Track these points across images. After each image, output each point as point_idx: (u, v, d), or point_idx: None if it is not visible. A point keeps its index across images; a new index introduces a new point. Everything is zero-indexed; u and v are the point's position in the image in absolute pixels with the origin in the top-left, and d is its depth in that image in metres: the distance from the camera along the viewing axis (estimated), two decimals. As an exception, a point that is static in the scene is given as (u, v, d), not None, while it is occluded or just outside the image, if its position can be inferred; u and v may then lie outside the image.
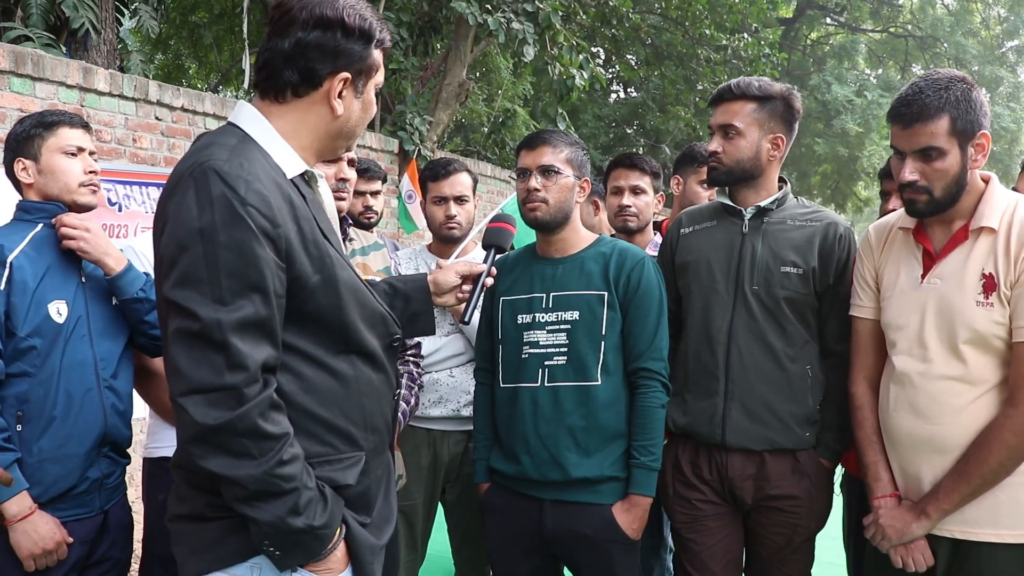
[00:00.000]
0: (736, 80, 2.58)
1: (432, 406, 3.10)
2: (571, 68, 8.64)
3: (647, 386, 2.45)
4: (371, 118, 1.77)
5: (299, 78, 1.63)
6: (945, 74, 2.09)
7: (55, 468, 2.28)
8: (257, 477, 1.47)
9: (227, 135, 1.62)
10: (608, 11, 10.98)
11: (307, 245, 1.58)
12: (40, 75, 5.03)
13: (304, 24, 1.61)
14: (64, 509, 2.31)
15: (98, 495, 2.40)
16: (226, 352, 1.45)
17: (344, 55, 1.64)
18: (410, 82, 9.44)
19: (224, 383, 1.45)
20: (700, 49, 12.25)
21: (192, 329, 1.46)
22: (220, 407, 1.44)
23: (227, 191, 1.47)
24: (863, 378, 2.37)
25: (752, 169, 2.53)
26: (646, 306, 2.46)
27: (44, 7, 6.18)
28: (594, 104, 16.49)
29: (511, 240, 2.43)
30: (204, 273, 1.46)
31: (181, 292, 1.47)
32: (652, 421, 2.44)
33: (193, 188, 1.49)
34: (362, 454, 1.68)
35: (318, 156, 1.74)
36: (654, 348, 2.46)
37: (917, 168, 2.09)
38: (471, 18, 7.95)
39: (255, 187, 1.50)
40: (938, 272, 2.15)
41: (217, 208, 1.47)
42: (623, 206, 3.37)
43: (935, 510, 2.10)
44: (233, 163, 1.51)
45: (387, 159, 8.43)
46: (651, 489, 2.44)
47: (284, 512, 1.50)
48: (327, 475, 1.61)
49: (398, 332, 1.82)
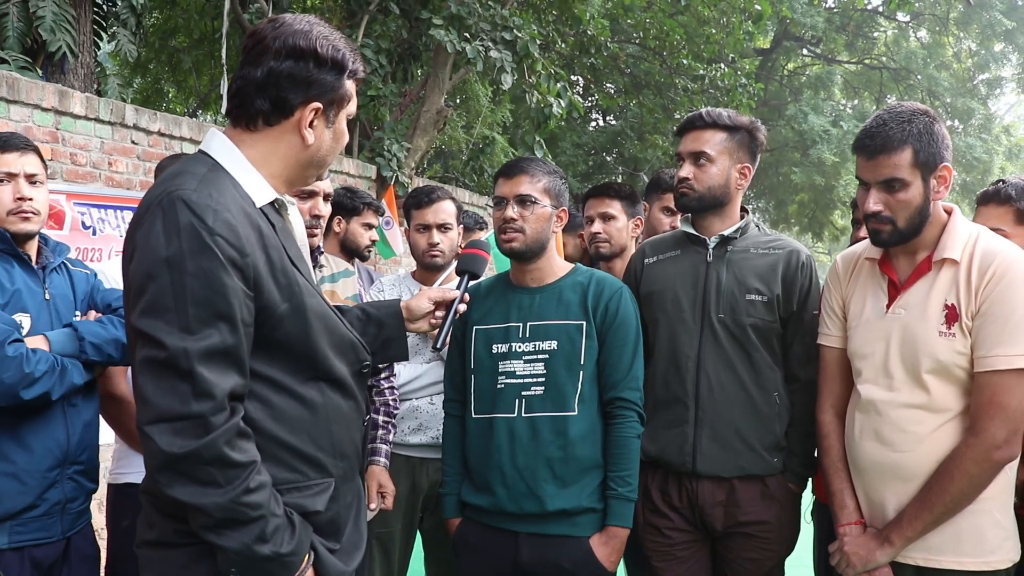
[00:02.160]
0: (706, 109, 2.63)
1: (411, 433, 3.10)
2: (548, 96, 8.70)
3: (623, 416, 2.43)
4: (342, 147, 1.78)
5: (271, 107, 1.64)
6: (908, 107, 2.13)
7: (9, 484, 2.23)
8: (223, 505, 1.47)
9: (197, 163, 1.63)
10: (586, 40, 11.09)
11: (275, 273, 1.59)
12: (14, 98, 5.01)
13: (277, 53, 1.62)
14: (23, 533, 2.25)
15: (60, 519, 2.33)
16: (192, 381, 1.45)
17: (316, 85, 1.65)
18: (388, 108, 9.47)
19: (190, 411, 1.45)
20: (678, 79, 12.39)
21: (158, 358, 1.46)
22: (186, 436, 1.45)
23: (195, 220, 1.48)
24: (830, 406, 2.39)
25: (722, 196, 2.57)
26: (623, 336, 2.45)
27: (21, 30, 6.18)
28: (573, 132, 16.61)
29: (485, 267, 2.43)
30: (171, 302, 1.46)
31: (148, 321, 1.47)
32: (628, 451, 2.43)
33: (161, 217, 1.49)
34: (331, 480, 1.68)
35: (289, 184, 1.75)
36: (631, 378, 2.45)
37: (881, 199, 2.12)
38: (449, 46, 8.01)
39: (223, 216, 1.50)
40: (902, 302, 2.18)
41: (184, 237, 1.47)
42: (594, 233, 3.40)
43: (899, 538, 2.11)
44: (202, 192, 1.51)
45: (365, 185, 8.44)
46: (628, 520, 2.42)
47: (251, 540, 1.50)
48: (296, 501, 1.61)
49: (367, 359, 1.82)
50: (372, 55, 8.70)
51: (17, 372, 2.13)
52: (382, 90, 8.89)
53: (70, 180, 5.23)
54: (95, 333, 2.36)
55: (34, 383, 2.17)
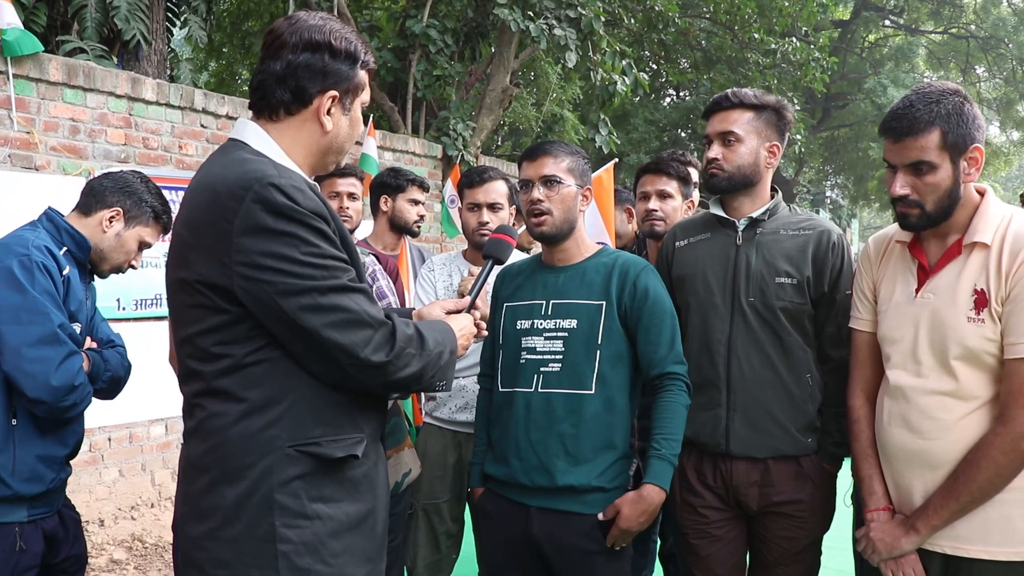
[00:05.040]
0: (732, 89, 2.62)
1: (459, 411, 3.19)
2: (613, 74, 8.63)
3: (672, 385, 2.42)
4: (358, 135, 1.87)
5: (291, 97, 1.75)
6: (938, 87, 2.08)
7: (44, 468, 2.41)
8: (427, 362, 1.80)
9: (240, 150, 1.74)
10: (654, 16, 10.94)
11: (346, 243, 1.74)
12: (91, 86, 5.24)
13: (294, 47, 1.74)
14: (35, 508, 2.43)
15: (58, 496, 2.53)
16: (355, 313, 1.69)
17: (332, 75, 1.76)
18: (455, 88, 9.53)
19: (374, 326, 1.73)
20: (749, 53, 12.12)
21: (336, 319, 1.66)
22: (383, 345, 1.71)
23: (290, 203, 1.62)
24: (860, 391, 2.36)
25: (751, 175, 2.57)
26: (658, 313, 2.45)
27: (98, 20, 6.41)
28: (645, 108, 16.43)
29: (510, 252, 2.46)
30: (305, 275, 1.66)
31: (294, 300, 1.65)
32: (676, 416, 2.40)
33: (260, 204, 1.62)
34: (363, 436, 1.79)
35: (311, 171, 1.84)
36: (674, 352, 2.45)
37: (908, 182, 2.08)
38: (513, 24, 8.01)
39: (310, 196, 1.65)
40: (931, 287, 2.14)
41: (286, 218, 1.62)
42: (649, 210, 3.37)
43: (924, 526, 2.09)
44: (283, 177, 1.64)
45: (430, 164, 8.55)
46: (665, 482, 2.36)
47: (444, 361, 1.87)
48: (336, 450, 1.73)
49: None
50: (438, 35, 8.77)
51: (69, 387, 2.33)
52: (448, 70, 8.96)
53: (143, 163, 5.45)
54: (114, 367, 2.59)
55: (78, 401, 2.39)
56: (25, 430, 2.36)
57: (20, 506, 2.38)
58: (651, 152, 15.86)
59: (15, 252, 2.35)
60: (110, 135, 5.36)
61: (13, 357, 2.26)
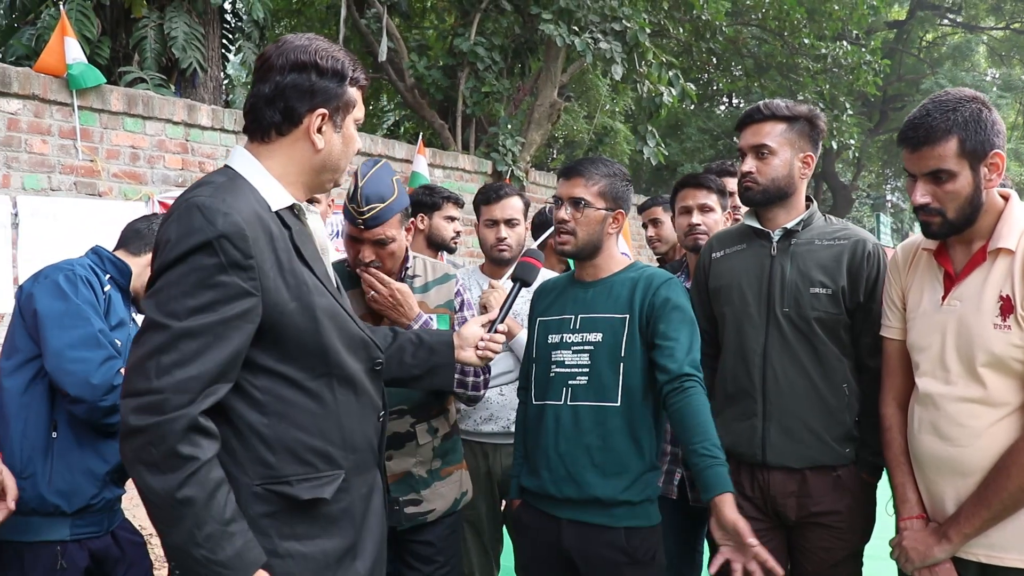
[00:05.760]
0: (764, 101, 2.64)
1: (483, 423, 3.27)
2: (659, 85, 8.65)
3: (691, 388, 2.32)
4: (354, 152, 1.90)
5: (281, 117, 1.77)
6: (955, 94, 2.08)
7: (86, 483, 2.48)
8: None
9: (218, 175, 1.78)
10: (701, 25, 10.91)
11: (284, 273, 1.70)
12: (149, 114, 5.47)
13: (281, 69, 1.77)
14: (81, 527, 2.49)
15: (107, 516, 2.58)
16: (159, 357, 1.60)
17: (320, 93, 1.78)
18: (503, 104, 9.64)
19: (150, 387, 1.59)
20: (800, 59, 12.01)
21: (143, 333, 1.62)
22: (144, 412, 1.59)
23: (205, 224, 1.61)
24: (892, 399, 2.36)
25: (786, 187, 2.58)
26: (677, 320, 2.42)
27: (157, 51, 6.68)
28: (698, 117, 16.35)
29: (536, 275, 2.54)
30: (172, 291, 1.61)
31: (148, 302, 1.64)
32: (707, 420, 2.28)
33: (176, 221, 1.64)
34: (341, 472, 1.78)
35: (308, 190, 1.88)
36: (691, 357, 2.38)
37: (928, 191, 2.09)
38: (559, 39, 8.09)
39: (232, 219, 1.63)
40: (957, 294, 2.14)
41: (193, 239, 1.61)
42: (693, 224, 3.38)
43: (956, 534, 2.08)
44: (215, 198, 1.65)
45: (481, 180, 8.65)
46: (730, 484, 2.21)
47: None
48: (304, 491, 1.71)
49: (380, 356, 1.94)
50: (485, 52, 8.89)
51: (108, 386, 2.40)
52: (496, 86, 9.07)
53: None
54: None
55: (118, 402, 2.46)
56: (65, 443, 2.45)
57: (62, 523, 2.45)
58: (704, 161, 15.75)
59: (61, 268, 2.51)
60: (168, 161, 5.59)
61: (55, 359, 2.38)
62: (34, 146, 4.92)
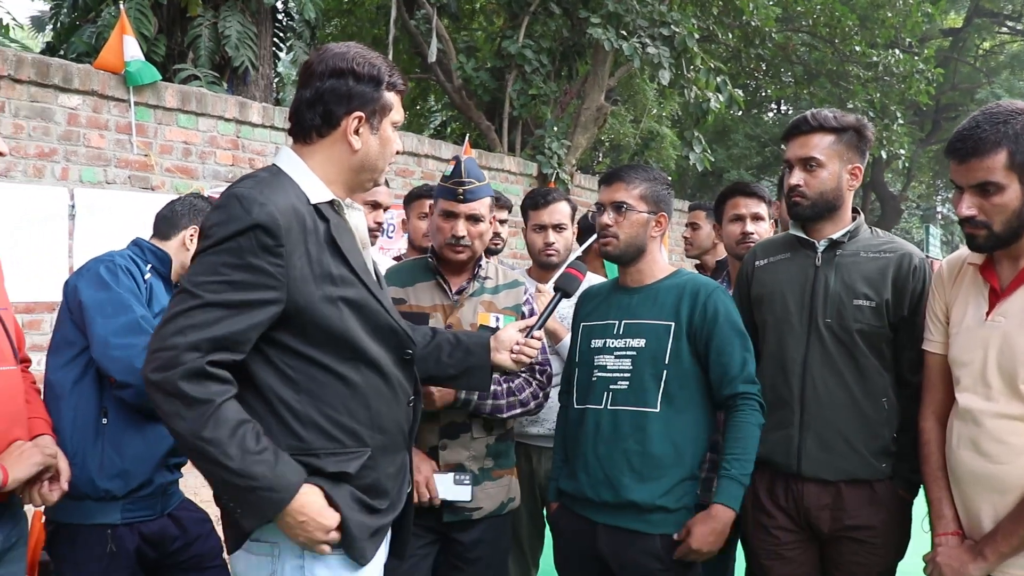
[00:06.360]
0: (811, 112, 2.61)
1: (529, 424, 3.29)
2: (707, 91, 8.61)
3: (744, 405, 2.44)
4: (392, 154, 2.00)
5: (320, 120, 1.89)
6: (1006, 106, 2.06)
7: (137, 466, 2.55)
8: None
9: (262, 171, 1.91)
10: (751, 31, 10.83)
11: (311, 263, 1.81)
12: (202, 111, 5.60)
13: (321, 75, 1.89)
14: (132, 510, 2.56)
15: (160, 499, 2.64)
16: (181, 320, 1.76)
17: (356, 97, 1.89)
18: (550, 107, 9.67)
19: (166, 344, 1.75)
20: (851, 66, 11.85)
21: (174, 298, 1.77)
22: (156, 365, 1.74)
23: (242, 212, 1.74)
24: (931, 413, 2.34)
25: (834, 200, 2.55)
26: (728, 333, 2.47)
27: (211, 49, 6.83)
28: (745, 124, 16.21)
29: (578, 286, 2.56)
30: (205, 269, 1.75)
31: (186, 278, 1.78)
32: (748, 436, 2.41)
33: (218, 210, 1.79)
34: (367, 450, 1.88)
35: (348, 190, 1.98)
36: (745, 372, 2.47)
37: (975, 203, 2.07)
38: (607, 43, 8.10)
39: (267, 209, 1.74)
40: (1002, 310, 2.11)
41: (231, 225, 1.74)
42: (746, 233, 3.40)
43: (992, 552, 2.06)
44: (254, 190, 1.77)
45: (526, 182, 8.69)
46: (736, 503, 2.37)
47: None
48: (331, 464, 1.83)
49: (411, 346, 2.02)
50: (533, 55, 8.93)
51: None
52: (543, 89, 9.10)
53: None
54: None
55: None
56: (115, 428, 2.52)
57: (113, 507, 2.52)
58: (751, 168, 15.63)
59: (102, 260, 2.61)
60: (219, 156, 5.71)
61: (101, 346, 2.46)
62: (92, 140, 5.07)
